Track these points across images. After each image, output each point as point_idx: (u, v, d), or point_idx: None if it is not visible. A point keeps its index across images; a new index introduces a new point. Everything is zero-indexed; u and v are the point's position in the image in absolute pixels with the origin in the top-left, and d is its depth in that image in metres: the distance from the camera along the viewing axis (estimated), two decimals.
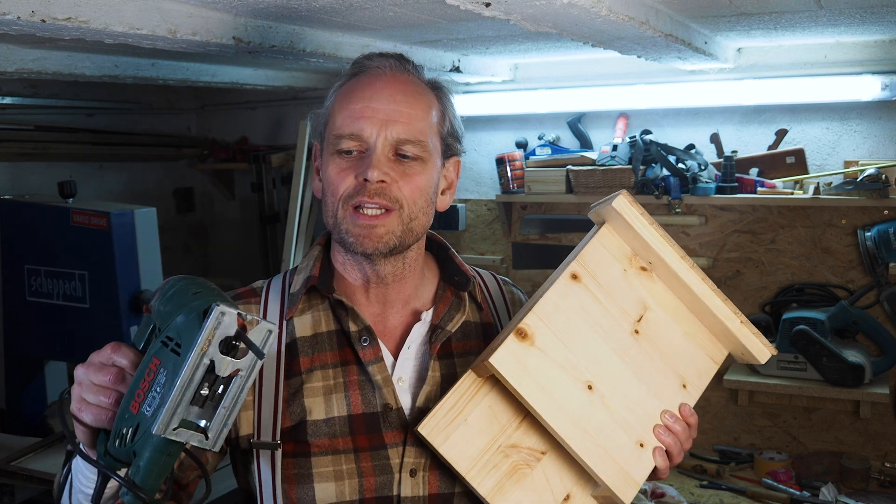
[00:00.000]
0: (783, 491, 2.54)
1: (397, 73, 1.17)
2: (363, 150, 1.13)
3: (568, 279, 1.12)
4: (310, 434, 1.12)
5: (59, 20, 1.42)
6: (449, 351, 1.20)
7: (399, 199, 1.13)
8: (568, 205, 3.14)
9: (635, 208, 1.12)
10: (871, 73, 2.61)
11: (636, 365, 1.13)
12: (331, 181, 1.14)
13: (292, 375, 1.15)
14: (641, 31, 1.73)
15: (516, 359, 1.07)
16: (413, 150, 1.14)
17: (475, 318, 1.26)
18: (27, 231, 2.81)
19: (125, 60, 2.50)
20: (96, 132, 3.58)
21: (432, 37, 2.31)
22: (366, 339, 1.15)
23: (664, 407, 1.13)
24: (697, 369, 1.16)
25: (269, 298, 1.21)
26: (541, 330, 1.09)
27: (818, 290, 2.82)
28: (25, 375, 2.90)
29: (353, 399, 1.14)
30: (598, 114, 3.11)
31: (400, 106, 1.14)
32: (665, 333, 1.15)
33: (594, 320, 1.12)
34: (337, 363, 1.15)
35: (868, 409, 2.70)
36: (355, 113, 1.13)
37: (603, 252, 1.15)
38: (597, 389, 1.10)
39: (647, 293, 1.15)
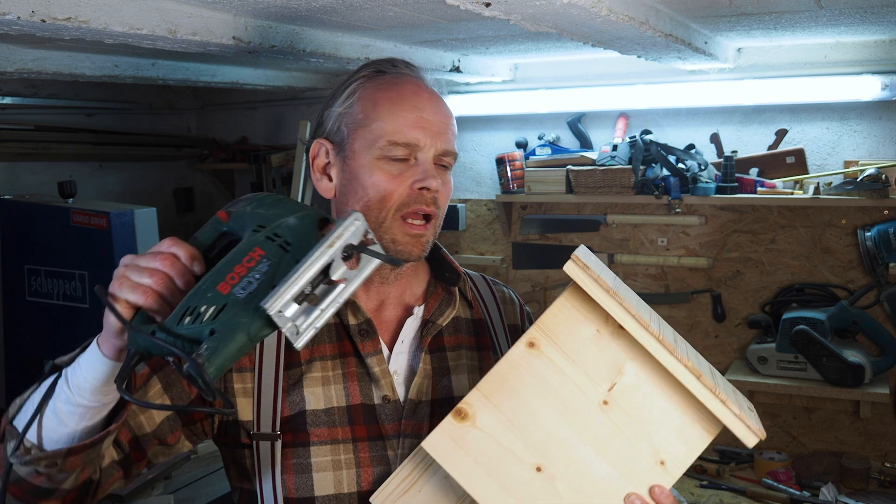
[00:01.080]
0: (783, 491, 2.54)
1: (425, 82, 1.22)
2: (408, 158, 1.15)
3: (523, 348, 1.03)
4: (309, 424, 1.13)
5: (59, 20, 1.42)
6: (441, 345, 1.23)
7: (441, 207, 1.18)
8: (568, 205, 3.15)
9: (588, 273, 0.99)
10: (871, 73, 2.61)
11: (600, 441, 1.01)
12: (380, 187, 1.14)
13: (292, 366, 1.16)
14: (641, 31, 1.73)
15: (453, 441, 1.00)
16: (450, 161, 1.20)
17: (466, 315, 1.29)
18: (27, 231, 2.81)
19: (125, 60, 2.50)
20: (96, 132, 3.58)
21: (432, 37, 2.31)
22: (365, 332, 1.17)
23: (632, 489, 1.00)
24: (684, 442, 1.02)
25: None
26: (483, 409, 1.01)
27: (818, 290, 2.82)
28: (25, 375, 2.90)
29: (352, 390, 1.15)
30: (598, 114, 3.11)
31: (444, 118, 1.19)
32: (643, 402, 1.02)
33: (551, 393, 1.02)
34: (336, 355, 1.17)
35: (868, 409, 2.70)
36: (410, 122, 1.15)
37: (571, 312, 1.03)
38: (547, 471, 1.00)
39: (625, 356, 1.02)
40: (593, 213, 3.14)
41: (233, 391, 1.15)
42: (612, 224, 3.11)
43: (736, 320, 2.97)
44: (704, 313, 3.00)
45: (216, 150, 3.95)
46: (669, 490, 1.02)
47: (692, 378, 0.99)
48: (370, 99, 1.18)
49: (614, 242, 3.13)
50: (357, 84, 1.21)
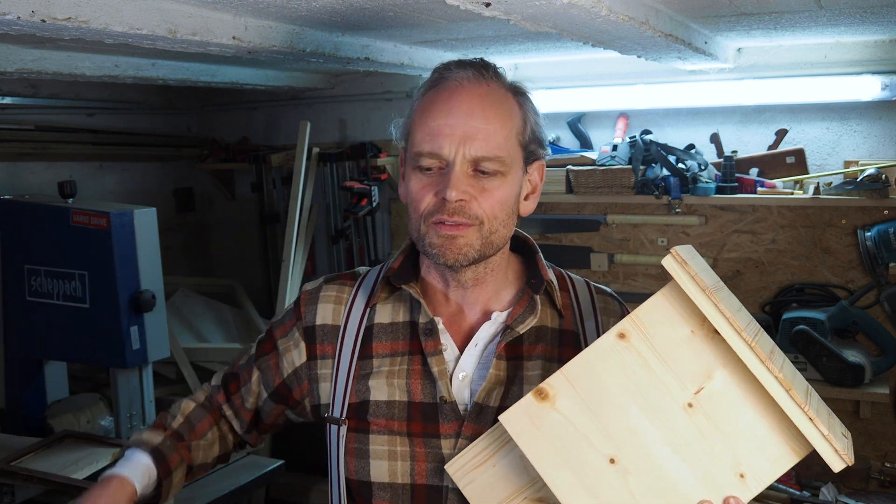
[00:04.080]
0: (783, 491, 2.54)
1: (476, 84, 1.18)
2: (443, 166, 1.15)
3: (613, 338, 1.02)
4: (370, 413, 1.18)
5: (59, 20, 1.42)
6: (518, 353, 1.20)
7: (478, 215, 1.14)
8: (568, 205, 3.14)
9: (686, 269, 0.98)
10: (871, 73, 2.61)
11: (681, 443, 0.99)
12: (413, 197, 1.18)
13: (365, 357, 1.22)
14: (641, 31, 1.74)
15: (530, 420, 1.01)
16: (491, 166, 1.14)
17: (553, 324, 1.24)
18: (27, 231, 2.81)
19: (125, 60, 2.50)
20: (96, 132, 3.58)
21: (432, 37, 2.31)
22: (429, 332, 1.19)
23: (706, 496, 0.98)
24: (768, 458, 0.98)
25: (363, 284, 1.28)
26: (565, 392, 1.01)
27: (818, 290, 2.82)
28: (25, 375, 2.90)
29: (414, 387, 1.19)
30: (598, 114, 3.11)
31: (477, 122, 1.14)
32: (730, 411, 0.99)
33: (635, 387, 1.00)
34: (405, 352, 1.21)
35: (868, 409, 2.70)
36: (434, 130, 1.14)
37: (667, 309, 1.01)
38: (620, 464, 0.99)
39: (717, 362, 0.99)
40: (593, 213, 3.14)
41: (317, 376, 1.25)
42: (612, 224, 3.11)
43: None
44: None
45: (216, 150, 3.95)
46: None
47: (781, 390, 0.95)
48: (416, 110, 1.20)
49: (614, 242, 3.13)
50: (417, 94, 1.22)
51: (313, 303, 1.28)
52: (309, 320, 1.27)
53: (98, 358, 2.81)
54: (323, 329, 1.26)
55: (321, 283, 1.30)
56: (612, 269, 3.13)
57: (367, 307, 1.25)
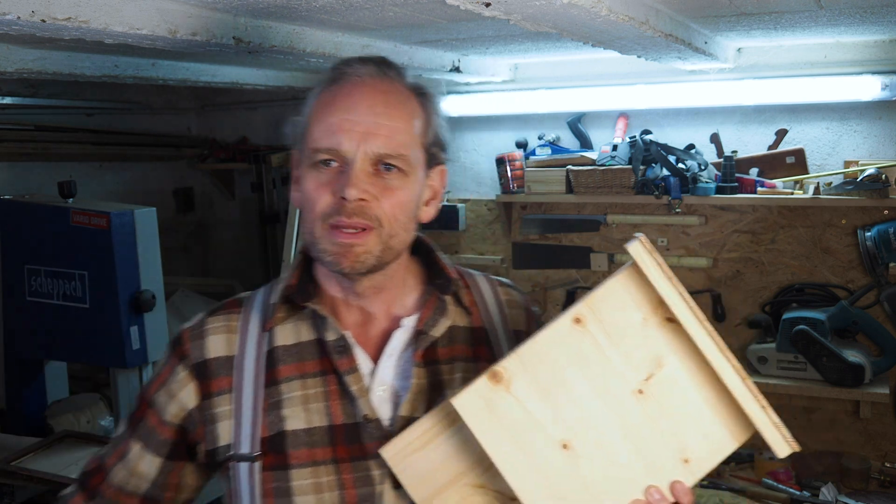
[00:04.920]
0: (783, 491, 2.54)
1: (378, 80, 1.11)
2: (341, 165, 1.07)
3: (569, 322, 1.00)
4: (289, 444, 1.08)
5: (59, 20, 1.42)
6: (434, 357, 1.15)
7: (379, 216, 1.07)
8: (568, 205, 3.15)
9: (653, 257, 0.98)
10: (871, 73, 2.61)
11: (630, 428, 1.00)
12: (309, 197, 1.09)
13: (272, 384, 1.11)
14: (641, 31, 1.73)
15: (484, 403, 0.98)
16: (394, 164, 1.08)
17: (463, 323, 1.20)
18: (27, 231, 2.81)
19: (125, 60, 2.50)
20: (96, 132, 3.58)
21: (432, 37, 2.31)
22: (341, 349, 1.11)
23: (653, 481, 0.99)
24: (710, 444, 1.01)
25: (252, 310, 1.18)
26: (520, 375, 0.99)
27: (818, 290, 2.82)
28: (25, 375, 2.90)
29: (334, 409, 1.10)
30: (598, 114, 3.11)
31: (380, 118, 1.08)
32: (677, 398, 1.00)
33: (590, 372, 1.00)
34: (317, 372, 1.12)
35: (868, 409, 2.70)
36: (333, 126, 1.08)
37: (622, 294, 1.01)
38: (573, 449, 0.99)
39: (667, 349, 1.01)
40: (593, 213, 3.14)
41: (214, 416, 1.12)
42: (612, 224, 3.11)
43: (736, 320, 2.96)
44: (704, 313, 3.00)
45: (216, 150, 3.95)
46: (690, 489, 1.00)
47: (738, 379, 0.97)
48: (314, 106, 1.13)
49: (614, 242, 3.13)
50: (315, 91, 1.15)
51: (199, 337, 1.16)
52: (198, 356, 1.14)
53: (98, 358, 2.82)
54: (217, 362, 1.14)
55: (203, 318, 1.19)
56: (612, 269, 3.13)
57: (263, 331, 1.15)
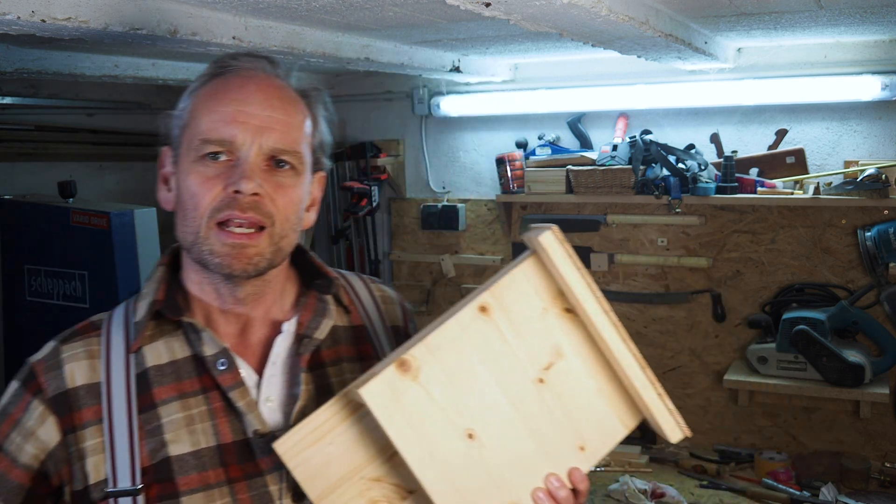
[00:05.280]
0: (783, 491, 2.54)
1: (270, 76, 1.07)
2: (233, 158, 1.02)
3: (475, 310, 1.01)
4: (176, 471, 1.00)
5: (59, 20, 1.42)
6: (320, 360, 1.11)
7: (272, 213, 1.02)
8: (568, 205, 3.14)
9: (564, 248, 0.99)
10: (871, 73, 2.61)
11: (531, 417, 1.01)
12: (192, 192, 1.02)
13: (147, 409, 1.03)
14: (641, 31, 1.74)
15: (392, 393, 0.96)
16: (289, 160, 1.04)
17: (344, 322, 1.17)
18: (27, 231, 2.81)
19: (125, 60, 2.50)
20: (96, 132, 3.58)
21: (432, 37, 2.31)
22: (223, 364, 1.04)
23: (552, 469, 1.01)
24: (602, 432, 1.04)
25: (112, 330, 1.08)
26: (428, 364, 0.98)
27: (818, 290, 2.82)
28: None
29: (221, 427, 1.03)
30: (598, 114, 3.11)
31: (276, 112, 1.04)
32: (574, 387, 1.03)
33: (494, 361, 1.01)
34: (198, 391, 1.04)
35: (868, 409, 2.70)
36: (227, 116, 1.02)
37: (524, 285, 1.03)
38: (477, 439, 0.99)
39: (564, 339, 1.03)
40: (593, 213, 3.14)
41: (82, 452, 1.01)
42: (612, 224, 3.11)
43: (736, 320, 2.96)
44: (704, 313, 3.00)
45: None
46: (586, 475, 1.03)
47: (637, 368, 1.01)
48: (198, 97, 1.06)
49: (614, 242, 3.13)
50: (196, 83, 1.09)
51: (55, 368, 1.04)
52: (55, 388, 1.03)
53: None
54: (79, 392, 1.03)
55: (56, 346, 1.08)
56: (612, 269, 3.13)
57: (130, 353, 1.05)
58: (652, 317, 3.06)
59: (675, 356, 3.05)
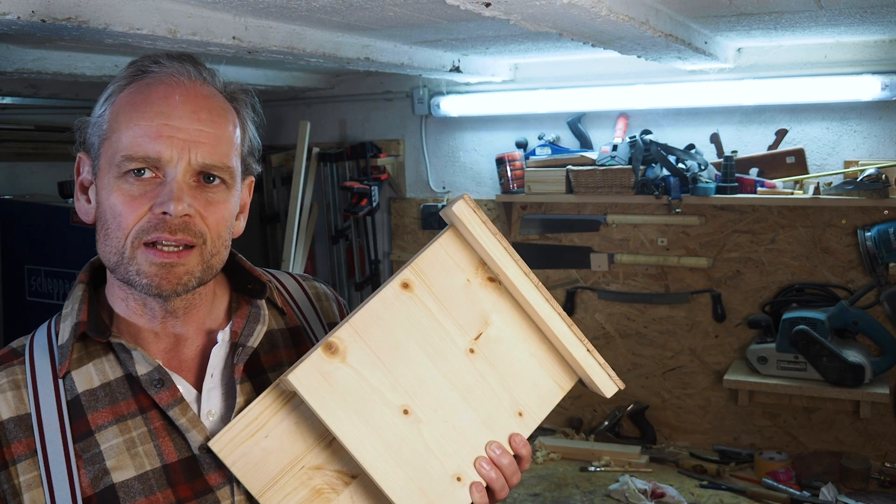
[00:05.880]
0: (783, 491, 2.54)
1: (196, 83, 1.01)
2: (158, 175, 0.97)
3: (397, 288, 1.01)
4: (122, 498, 0.97)
5: (59, 20, 1.42)
6: (259, 367, 1.08)
7: (202, 233, 0.98)
8: (568, 205, 3.15)
9: (478, 215, 1.01)
10: (871, 73, 2.61)
11: (466, 388, 1.02)
12: (116, 211, 0.96)
13: (83, 437, 0.98)
14: (641, 31, 1.74)
15: (321, 376, 0.96)
16: (219, 175, 1.00)
17: (280, 325, 1.14)
18: (27, 231, 2.81)
19: (125, 60, 2.50)
20: None
21: (432, 37, 2.31)
22: (158, 382, 1.00)
23: (492, 437, 1.03)
24: (539, 395, 1.06)
25: (36, 356, 1.02)
26: (355, 344, 0.98)
27: (818, 290, 2.82)
28: None
29: (165, 447, 1.00)
30: (598, 114, 3.11)
31: (204, 125, 0.98)
32: (506, 354, 1.05)
33: (422, 336, 1.01)
34: (135, 412, 1.00)
35: (868, 409, 2.70)
36: (151, 131, 0.96)
37: (444, 258, 1.04)
38: (413, 414, 1.00)
39: (491, 307, 1.05)
40: (593, 213, 3.14)
41: (18, 488, 0.96)
42: (612, 224, 3.11)
43: (736, 320, 2.97)
44: (704, 313, 3.00)
45: None
46: (526, 440, 1.05)
47: (564, 326, 1.03)
48: (118, 105, 0.99)
49: (614, 242, 3.13)
50: (114, 87, 1.01)
51: None
52: None
53: None
54: (7, 426, 0.97)
55: None
56: (612, 269, 3.13)
57: (58, 379, 1.00)
58: (652, 317, 3.06)
59: (675, 356, 3.05)
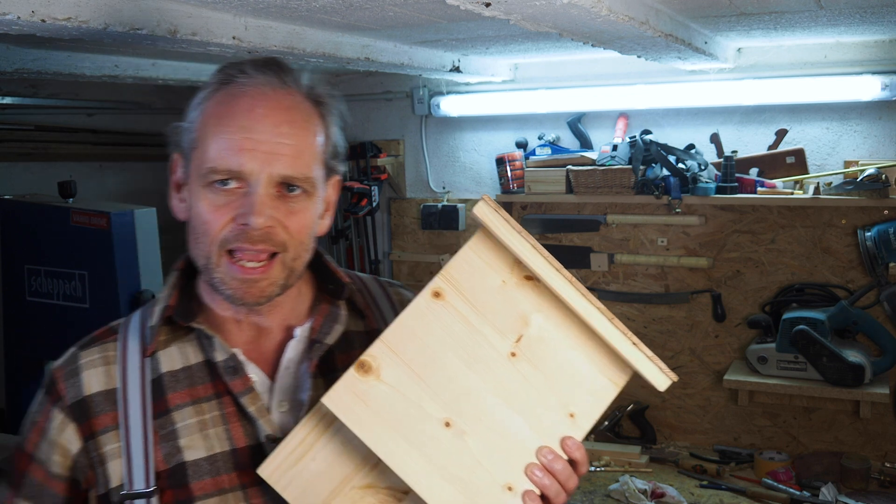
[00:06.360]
0: (783, 491, 2.54)
1: (280, 93, 1.03)
2: (242, 186, 1.00)
3: (428, 298, 0.99)
4: (191, 476, 1.02)
5: (59, 20, 1.42)
6: (333, 365, 1.10)
7: (284, 241, 1.02)
8: (568, 205, 3.14)
9: (500, 214, 0.97)
10: (871, 73, 2.61)
11: (510, 394, 0.98)
12: (203, 219, 1.01)
13: (162, 414, 1.04)
14: (641, 31, 1.73)
15: (356, 396, 0.95)
16: (300, 184, 1.03)
17: (359, 327, 1.16)
18: (27, 231, 2.81)
19: (125, 60, 2.50)
20: (96, 132, 3.58)
21: (432, 37, 2.31)
22: (233, 369, 1.05)
23: (543, 442, 0.98)
24: (591, 394, 1.00)
25: (129, 336, 1.09)
26: (388, 361, 0.97)
27: (818, 290, 2.82)
28: (25, 375, 2.90)
29: (235, 432, 1.05)
30: (598, 114, 3.11)
31: (285, 138, 1.01)
32: (551, 354, 1.00)
33: (458, 344, 0.98)
34: (211, 396, 1.06)
35: (868, 409, 2.70)
36: (234, 144, 0.99)
37: (476, 261, 1.00)
38: (456, 426, 0.97)
39: (531, 307, 1.00)
40: (593, 213, 3.14)
41: (103, 457, 1.03)
42: (612, 224, 3.11)
43: (736, 320, 2.96)
44: (704, 313, 3.00)
45: None
46: (580, 443, 1.00)
47: (604, 320, 0.97)
48: (206, 115, 1.03)
49: (614, 242, 3.13)
50: (203, 94, 1.06)
51: (73, 375, 1.07)
52: (73, 395, 1.05)
53: None
54: (97, 398, 1.05)
55: (74, 352, 1.10)
56: (612, 269, 3.13)
57: (145, 358, 1.07)
58: (652, 317, 3.06)
59: (675, 356, 3.05)
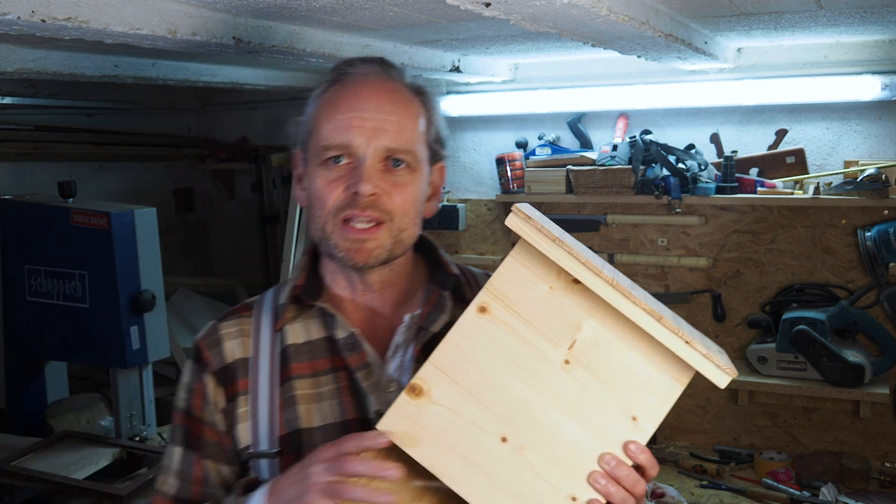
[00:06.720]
0: (783, 491, 2.54)
1: (383, 79, 1.16)
2: (352, 161, 1.11)
3: (474, 314, 0.99)
4: (305, 443, 1.11)
5: (59, 20, 1.42)
6: None
7: (390, 210, 1.11)
8: (568, 205, 3.15)
9: (531, 224, 0.96)
10: (871, 73, 2.61)
11: (567, 402, 0.97)
12: (319, 193, 1.13)
13: (285, 382, 1.15)
14: (641, 31, 1.73)
15: (409, 420, 0.95)
16: (403, 159, 1.13)
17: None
18: (27, 231, 2.81)
19: (125, 60, 2.50)
20: (96, 132, 3.58)
21: (432, 37, 2.31)
22: (352, 346, 1.14)
23: (605, 448, 0.96)
24: (653, 395, 0.97)
25: (263, 311, 1.21)
26: (439, 382, 0.97)
27: (818, 290, 2.82)
28: (25, 375, 2.90)
29: (346, 405, 1.13)
30: (598, 114, 3.11)
31: (388, 115, 1.12)
32: (607, 357, 0.97)
33: (509, 357, 0.97)
34: (328, 370, 1.15)
35: (868, 409, 2.70)
36: (343, 123, 1.11)
37: (520, 271, 0.99)
38: (513, 440, 0.96)
39: (582, 311, 0.98)
40: (593, 213, 3.14)
41: (235, 418, 1.15)
42: (612, 224, 3.11)
43: (736, 320, 2.97)
44: (704, 313, 3.00)
45: (216, 150, 3.95)
46: (645, 446, 0.98)
47: (652, 321, 0.94)
48: (320, 106, 1.16)
49: (614, 242, 3.13)
50: (317, 91, 1.19)
51: (216, 344, 1.18)
52: (217, 363, 1.17)
53: (98, 358, 2.82)
54: (235, 365, 1.17)
55: (215, 325, 1.21)
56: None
57: (275, 331, 1.18)
58: None
59: None
